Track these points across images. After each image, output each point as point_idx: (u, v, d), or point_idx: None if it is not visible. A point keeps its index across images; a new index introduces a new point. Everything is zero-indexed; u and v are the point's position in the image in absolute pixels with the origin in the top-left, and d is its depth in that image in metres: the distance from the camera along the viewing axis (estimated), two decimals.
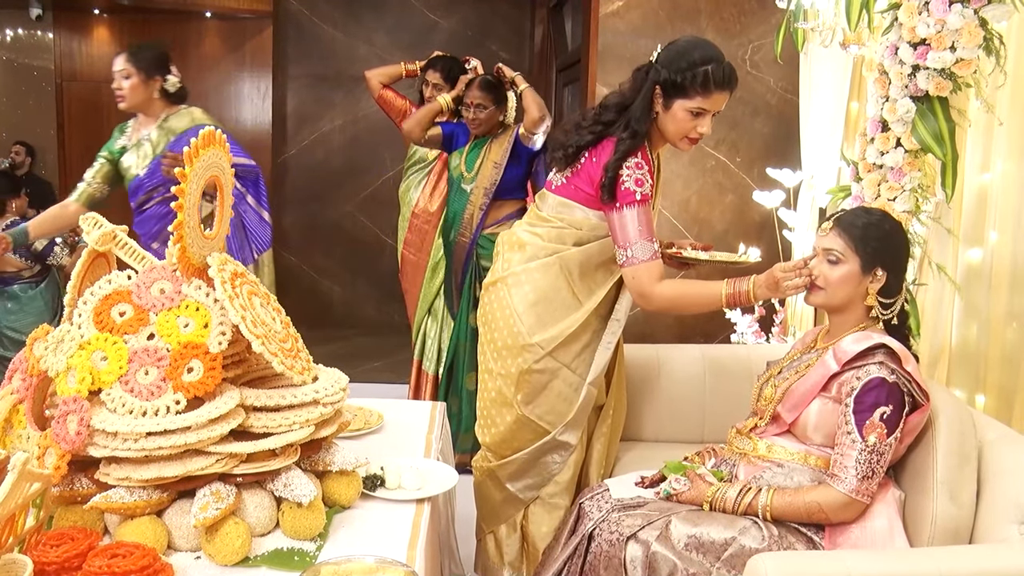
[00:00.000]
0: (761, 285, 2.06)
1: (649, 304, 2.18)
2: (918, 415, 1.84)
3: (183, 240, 1.55)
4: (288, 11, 6.32)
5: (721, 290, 2.12)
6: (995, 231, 2.34)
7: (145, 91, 3.11)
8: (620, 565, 1.85)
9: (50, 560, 1.29)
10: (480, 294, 3.54)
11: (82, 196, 3.18)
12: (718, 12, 3.68)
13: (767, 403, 2.00)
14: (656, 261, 2.15)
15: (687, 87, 2.12)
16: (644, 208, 2.14)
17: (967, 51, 2.14)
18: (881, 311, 1.91)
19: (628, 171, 2.14)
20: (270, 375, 1.70)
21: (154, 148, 3.11)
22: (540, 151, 3.58)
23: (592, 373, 2.30)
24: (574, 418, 2.30)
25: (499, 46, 6.40)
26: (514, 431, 2.31)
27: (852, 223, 1.91)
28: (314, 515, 1.54)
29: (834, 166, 3.15)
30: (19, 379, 1.56)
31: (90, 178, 3.19)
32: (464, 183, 3.61)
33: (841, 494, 1.79)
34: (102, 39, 6.43)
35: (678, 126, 2.17)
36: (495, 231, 3.57)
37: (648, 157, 2.19)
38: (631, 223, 2.13)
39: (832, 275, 1.90)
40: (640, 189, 2.14)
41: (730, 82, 2.14)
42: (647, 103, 2.18)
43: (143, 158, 3.12)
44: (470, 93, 3.55)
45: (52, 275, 4.26)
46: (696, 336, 3.72)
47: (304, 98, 6.44)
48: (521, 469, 2.36)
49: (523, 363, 2.26)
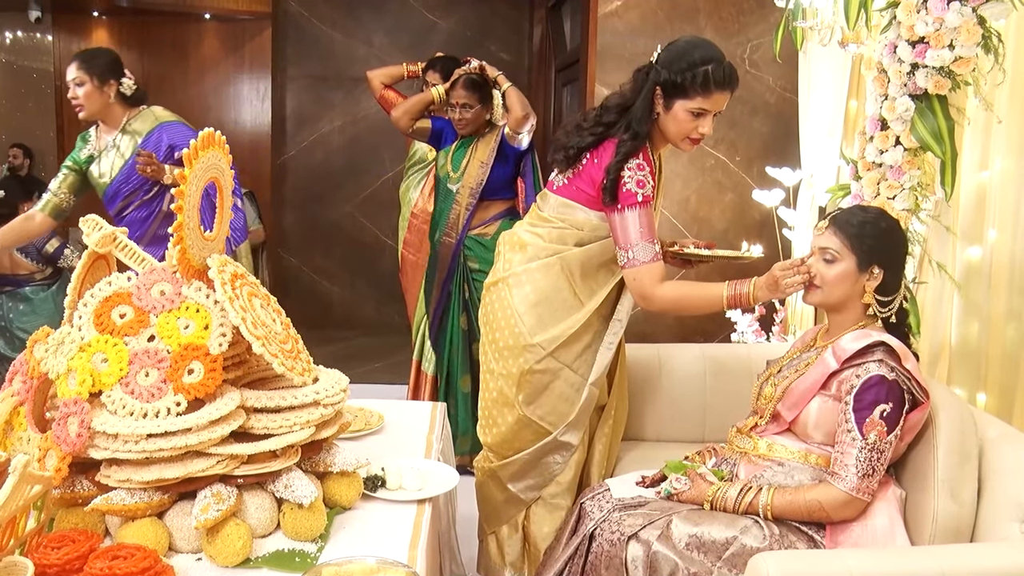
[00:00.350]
0: (762, 286, 2.06)
1: (650, 305, 2.18)
2: (918, 413, 1.84)
3: (183, 242, 1.55)
4: (287, 12, 6.32)
5: (722, 292, 2.12)
6: (994, 229, 2.34)
7: (100, 97, 3.10)
8: (621, 565, 1.85)
9: (51, 562, 1.29)
10: (467, 296, 3.58)
11: (47, 206, 3.18)
12: (717, 11, 3.68)
13: (767, 402, 2.00)
14: (658, 263, 2.15)
15: (687, 87, 2.12)
16: (646, 210, 2.14)
17: (965, 49, 2.14)
18: (879, 309, 1.91)
19: (630, 173, 2.14)
20: (270, 376, 1.70)
21: (122, 154, 3.11)
22: (527, 151, 3.57)
23: (594, 374, 2.29)
24: (576, 419, 2.30)
25: (498, 46, 6.40)
26: (515, 431, 2.31)
27: (848, 221, 1.91)
28: (315, 516, 1.54)
29: (833, 165, 3.16)
30: (20, 381, 1.56)
31: (56, 188, 3.18)
32: (450, 183, 3.59)
33: (842, 492, 1.79)
34: (101, 41, 6.42)
35: (679, 127, 2.17)
36: (483, 232, 3.57)
37: (650, 158, 2.19)
38: (632, 225, 2.14)
39: (828, 274, 1.91)
40: (642, 191, 2.13)
41: (731, 82, 2.13)
42: (648, 104, 2.18)
43: (114, 165, 3.12)
44: (455, 93, 3.51)
45: (64, 277, 4.28)
46: (696, 336, 3.72)
47: (303, 99, 6.44)
48: (522, 470, 2.35)
49: (524, 363, 2.26)
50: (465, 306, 3.61)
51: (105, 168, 3.14)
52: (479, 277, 3.55)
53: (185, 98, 6.38)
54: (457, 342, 3.64)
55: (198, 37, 6.31)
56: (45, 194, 3.20)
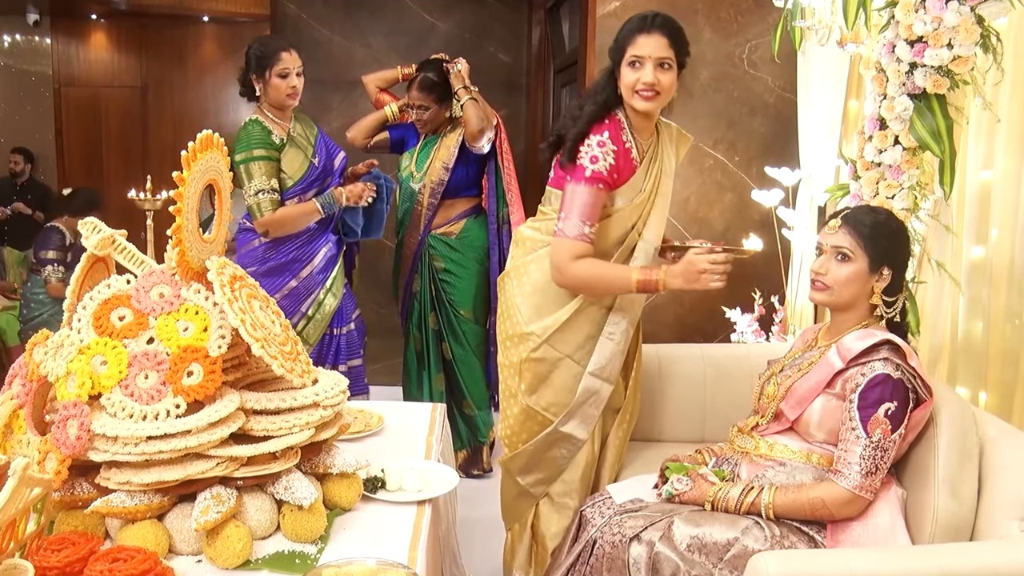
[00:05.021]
0: (676, 275, 2.11)
1: (561, 278, 2.22)
2: (921, 410, 1.84)
3: (182, 244, 1.55)
4: (285, 14, 6.31)
5: (632, 276, 2.15)
6: (996, 228, 2.34)
7: None
8: (624, 566, 1.85)
9: (51, 565, 1.29)
10: (434, 295, 3.61)
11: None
12: (715, 12, 3.68)
13: (769, 401, 2.00)
14: (580, 243, 2.16)
15: (619, 44, 2.21)
16: (591, 188, 2.16)
17: (964, 48, 2.14)
18: (885, 310, 1.92)
19: (586, 147, 2.18)
20: (270, 378, 1.70)
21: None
22: (490, 153, 3.59)
23: (593, 363, 2.30)
24: (574, 408, 2.31)
25: (496, 48, 6.39)
26: (521, 422, 2.35)
27: (861, 221, 1.91)
28: (315, 518, 1.54)
29: (832, 164, 3.16)
30: (19, 384, 1.56)
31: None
32: (412, 182, 3.62)
33: (845, 490, 1.79)
34: (99, 44, 6.43)
35: (624, 83, 2.20)
36: (447, 231, 3.60)
37: (619, 138, 2.22)
38: (573, 197, 2.17)
39: (840, 273, 1.90)
40: (592, 166, 2.16)
41: (650, 25, 2.16)
42: (608, 77, 2.25)
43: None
44: (410, 94, 3.56)
45: None
46: (696, 335, 3.72)
47: (302, 101, 6.35)
48: (530, 463, 2.38)
49: (523, 352, 2.31)
50: (434, 306, 3.65)
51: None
52: (446, 277, 3.60)
53: (183, 101, 6.39)
54: (428, 342, 3.67)
55: (196, 40, 6.31)
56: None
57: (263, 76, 3.09)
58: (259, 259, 3.14)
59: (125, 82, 6.44)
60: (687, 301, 3.83)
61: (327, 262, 3.21)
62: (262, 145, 3.05)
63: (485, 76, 5.63)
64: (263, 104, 3.15)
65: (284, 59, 3.08)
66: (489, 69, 6.22)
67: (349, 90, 6.29)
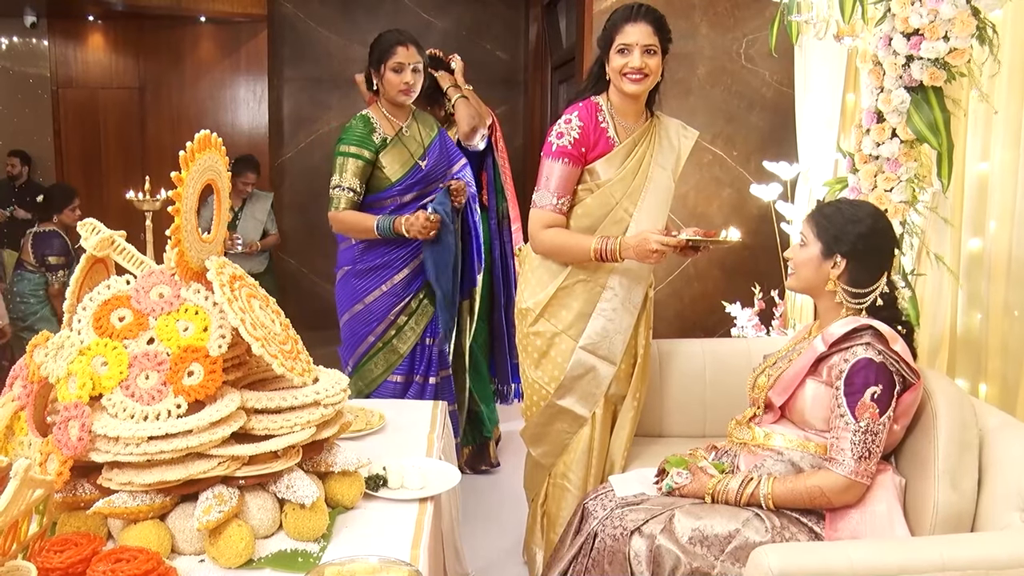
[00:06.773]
0: (629, 248, 2.26)
1: (534, 245, 2.41)
2: (910, 394, 1.85)
3: (181, 244, 1.55)
4: (283, 14, 6.32)
5: (591, 244, 2.30)
6: (994, 220, 2.34)
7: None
8: (624, 559, 1.86)
9: (54, 566, 1.29)
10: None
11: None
12: (712, 7, 3.68)
13: (760, 391, 2.02)
14: (549, 213, 2.35)
15: (607, 34, 2.34)
16: (558, 163, 2.33)
17: (960, 40, 2.14)
18: (847, 299, 1.92)
19: (557, 125, 2.36)
20: (271, 377, 1.71)
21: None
22: (487, 149, 3.58)
23: (585, 338, 2.40)
24: (569, 382, 2.41)
25: (494, 45, 6.40)
26: (529, 395, 2.50)
27: (820, 211, 1.98)
28: (317, 516, 1.54)
29: (830, 158, 3.15)
30: (20, 386, 1.56)
31: None
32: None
33: (841, 477, 1.80)
34: (97, 45, 6.43)
35: (613, 67, 2.32)
36: None
37: (590, 118, 2.34)
38: (543, 171, 2.36)
39: (799, 257, 1.98)
40: (558, 141, 2.33)
41: (635, 15, 2.30)
42: (598, 67, 2.40)
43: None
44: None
45: None
46: (696, 330, 3.73)
47: (300, 101, 6.43)
48: (537, 434, 2.51)
49: (524, 327, 2.47)
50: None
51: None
52: None
53: (181, 101, 6.39)
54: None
55: (194, 40, 6.31)
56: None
57: (379, 70, 3.02)
58: (354, 258, 3.08)
59: (123, 83, 6.44)
60: (687, 296, 3.84)
61: (417, 273, 3.08)
62: (359, 143, 2.97)
63: (483, 73, 5.63)
64: (380, 99, 3.08)
65: (399, 53, 2.98)
66: (487, 66, 6.22)
67: (347, 89, 6.29)
